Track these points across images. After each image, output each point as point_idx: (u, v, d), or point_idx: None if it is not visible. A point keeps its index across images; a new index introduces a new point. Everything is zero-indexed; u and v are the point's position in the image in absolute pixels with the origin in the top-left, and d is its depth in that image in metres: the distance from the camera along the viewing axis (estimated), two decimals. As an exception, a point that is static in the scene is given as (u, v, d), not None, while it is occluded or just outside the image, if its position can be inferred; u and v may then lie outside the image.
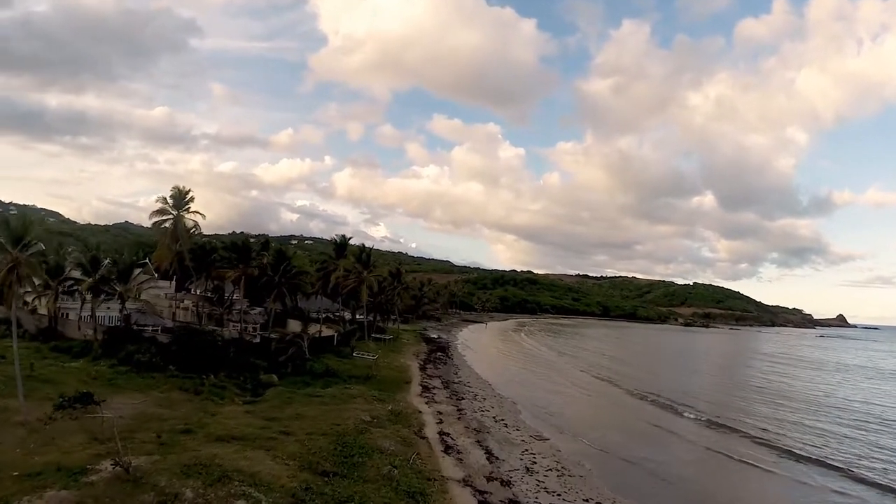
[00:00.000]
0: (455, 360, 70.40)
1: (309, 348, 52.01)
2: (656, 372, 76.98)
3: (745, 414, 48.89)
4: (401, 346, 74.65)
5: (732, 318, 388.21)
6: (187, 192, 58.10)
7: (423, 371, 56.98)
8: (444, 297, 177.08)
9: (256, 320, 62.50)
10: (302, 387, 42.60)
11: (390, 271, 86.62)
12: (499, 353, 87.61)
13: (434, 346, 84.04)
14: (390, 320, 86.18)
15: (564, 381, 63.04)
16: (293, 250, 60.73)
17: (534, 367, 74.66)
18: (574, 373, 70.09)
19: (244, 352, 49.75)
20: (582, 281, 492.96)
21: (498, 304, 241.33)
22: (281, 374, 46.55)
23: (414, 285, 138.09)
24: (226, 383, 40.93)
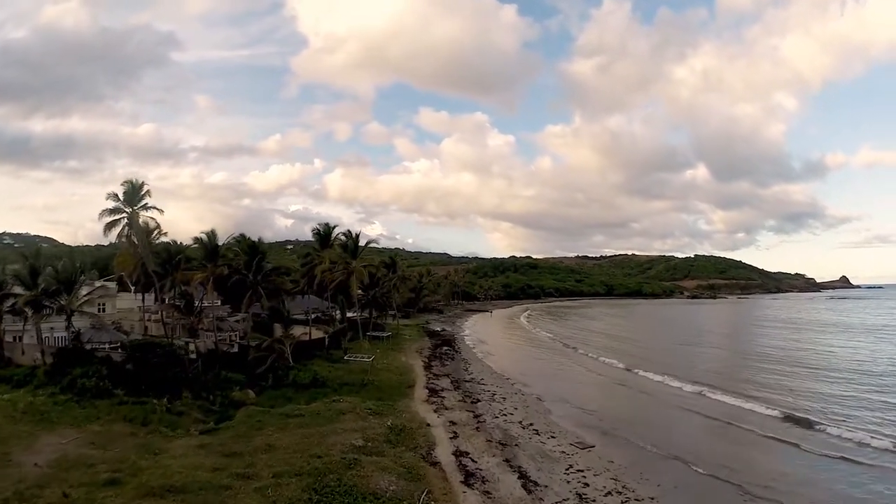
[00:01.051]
0: (463, 354, 62.82)
1: (294, 354, 44.40)
2: (684, 353, 69.46)
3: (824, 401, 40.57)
4: (401, 342, 67.00)
5: (737, 288, 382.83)
6: (141, 185, 50.10)
7: (428, 370, 49.39)
8: (446, 288, 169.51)
9: (235, 328, 54.72)
10: (282, 403, 35.02)
11: (385, 262, 78.81)
12: (510, 343, 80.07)
13: (439, 339, 76.43)
14: (388, 316, 78.50)
15: (588, 370, 55.54)
16: (265, 246, 52.13)
17: (550, 355, 67.21)
18: (594, 360, 62.53)
19: (216, 365, 42.12)
20: (582, 262, 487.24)
21: (501, 291, 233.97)
22: (260, 388, 39.02)
23: (413, 277, 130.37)
24: (186, 407, 33.26)
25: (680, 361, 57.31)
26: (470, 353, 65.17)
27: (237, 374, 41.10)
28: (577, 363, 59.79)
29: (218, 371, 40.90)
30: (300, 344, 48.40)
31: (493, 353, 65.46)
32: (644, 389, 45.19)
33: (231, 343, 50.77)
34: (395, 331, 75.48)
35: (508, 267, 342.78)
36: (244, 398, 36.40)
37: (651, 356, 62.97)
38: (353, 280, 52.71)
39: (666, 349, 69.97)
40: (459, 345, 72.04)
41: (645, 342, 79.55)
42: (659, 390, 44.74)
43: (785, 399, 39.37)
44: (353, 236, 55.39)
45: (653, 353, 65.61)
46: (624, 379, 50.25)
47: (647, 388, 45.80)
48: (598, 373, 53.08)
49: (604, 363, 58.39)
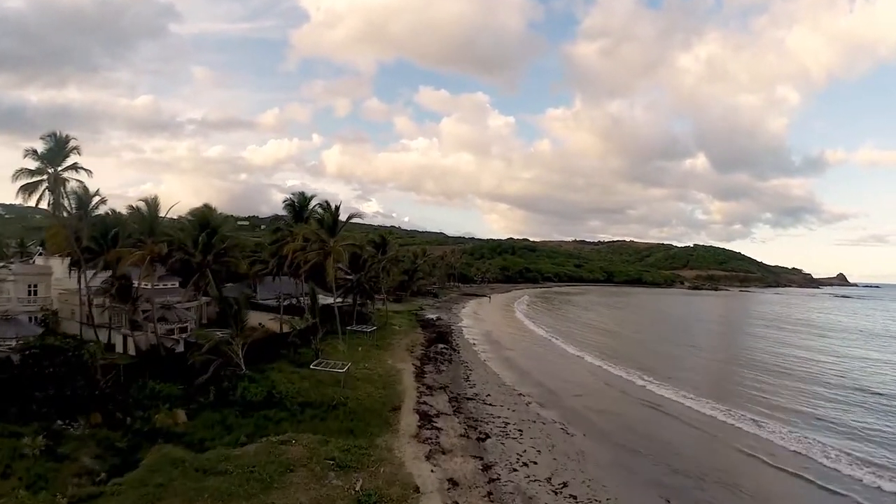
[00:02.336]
0: (463, 354, 52.99)
1: (253, 353, 34.53)
2: (741, 365, 59.94)
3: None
4: (389, 336, 57.21)
5: (737, 280, 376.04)
6: (66, 139, 39.61)
7: (419, 379, 39.58)
8: (441, 270, 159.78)
9: (185, 317, 44.62)
10: (219, 432, 25.38)
11: (373, 241, 68.52)
12: (516, 337, 70.06)
13: (433, 331, 66.72)
14: (377, 302, 68.85)
15: (607, 385, 46.10)
16: (220, 219, 41.55)
17: (570, 352, 57.86)
18: (609, 372, 53.07)
19: (146, 372, 32.20)
20: (579, 247, 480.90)
21: (498, 274, 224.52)
22: (198, 405, 29.22)
23: (407, 258, 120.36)
24: (78, 444, 23.39)
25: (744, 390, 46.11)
26: (470, 351, 55.40)
27: (173, 384, 31.28)
28: (592, 374, 50.35)
29: (145, 382, 31.06)
30: (261, 341, 38.46)
31: (497, 352, 55.77)
32: (682, 418, 35.73)
33: (177, 339, 40.74)
34: (384, 320, 65.63)
35: (506, 249, 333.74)
36: (170, 423, 26.59)
37: (679, 373, 53.71)
38: (330, 262, 42.50)
39: (703, 368, 60.35)
40: (457, 340, 62.30)
41: (662, 352, 70.45)
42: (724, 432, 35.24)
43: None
44: (332, 209, 44.92)
45: (682, 371, 56.32)
46: (651, 402, 40.78)
47: (686, 416, 36.32)
48: (621, 389, 43.45)
49: (618, 377, 48.98)
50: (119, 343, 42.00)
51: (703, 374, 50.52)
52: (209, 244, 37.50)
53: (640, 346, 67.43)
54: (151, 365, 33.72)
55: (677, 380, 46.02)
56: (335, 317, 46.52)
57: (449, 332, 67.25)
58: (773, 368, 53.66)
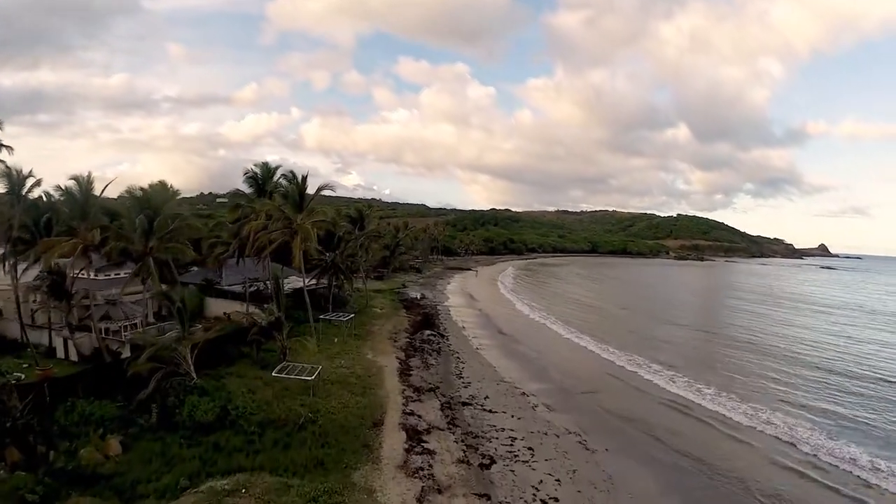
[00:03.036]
0: (453, 341, 47.64)
1: (206, 358, 28.59)
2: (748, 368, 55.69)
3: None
4: (369, 321, 51.62)
5: (721, 250, 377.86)
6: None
7: (404, 378, 34.15)
8: (425, 243, 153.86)
9: (134, 314, 38.21)
10: (158, 470, 19.76)
11: (349, 216, 62.05)
12: (508, 317, 64.62)
13: (418, 313, 61.27)
14: (356, 281, 63.13)
15: (625, 373, 41.35)
16: (160, 197, 34.60)
17: (570, 339, 53.01)
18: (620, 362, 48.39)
19: (76, 389, 26.13)
20: (562, 217, 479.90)
21: (482, 245, 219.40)
22: (139, 429, 23.45)
23: (388, 232, 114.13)
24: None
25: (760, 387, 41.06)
26: (460, 336, 50.13)
27: (111, 401, 25.42)
28: (598, 364, 45.61)
29: (75, 401, 25.03)
30: (219, 339, 32.42)
31: (489, 338, 50.55)
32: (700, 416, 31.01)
33: (124, 341, 34.49)
34: (363, 303, 59.94)
35: (488, 220, 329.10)
36: (99, 459, 20.84)
37: (695, 363, 49.33)
38: (297, 242, 36.24)
39: (713, 356, 56.03)
40: (445, 323, 56.94)
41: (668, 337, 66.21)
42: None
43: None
44: (298, 181, 38.35)
45: (698, 359, 51.98)
46: (674, 402, 36.02)
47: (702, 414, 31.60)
48: (634, 385, 38.60)
49: (627, 370, 44.35)
50: (60, 347, 35.69)
51: (715, 364, 45.75)
52: (150, 228, 31.00)
53: (640, 327, 62.83)
54: (85, 378, 27.62)
55: (689, 370, 41.41)
56: (306, 305, 40.55)
57: (435, 314, 61.86)
58: (789, 356, 49.46)
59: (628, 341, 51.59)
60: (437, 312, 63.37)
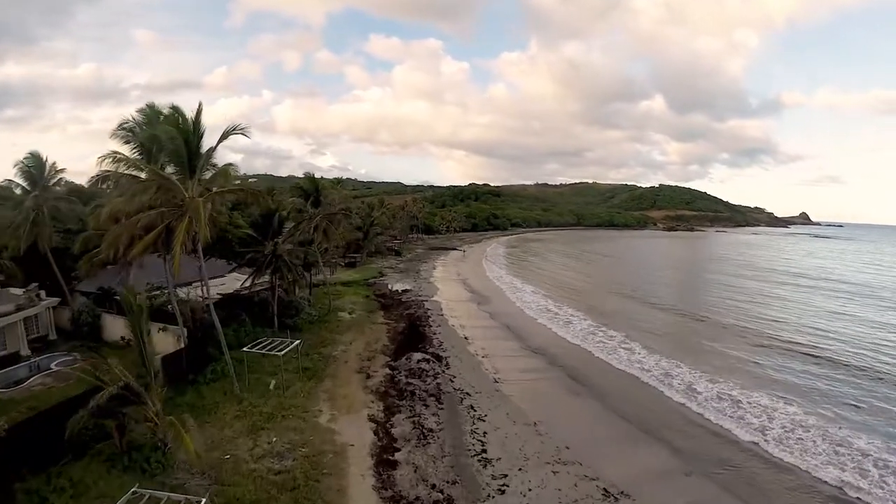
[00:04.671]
0: (457, 369, 31.25)
1: (38, 446, 11.92)
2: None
3: None
4: (332, 339, 35.24)
5: (706, 220, 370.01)
6: None
7: (383, 472, 18.11)
8: (403, 222, 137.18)
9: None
10: None
11: (300, 188, 44.50)
12: (520, 319, 48.86)
13: (400, 317, 45.15)
14: (319, 273, 46.54)
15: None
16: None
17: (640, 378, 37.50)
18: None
19: None
20: (542, 190, 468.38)
21: (465, 222, 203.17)
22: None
23: (361, 211, 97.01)
24: None
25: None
26: (467, 357, 33.83)
27: None
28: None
29: None
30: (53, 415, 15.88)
31: (514, 356, 34.74)
32: None
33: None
34: (326, 307, 43.54)
35: (468, 195, 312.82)
36: None
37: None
38: (181, 227, 19.54)
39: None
40: (439, 331, 40.76)
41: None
42: None
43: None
44: (189, 125, 21.26)
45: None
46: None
47: None
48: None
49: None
50: None
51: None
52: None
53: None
54: None
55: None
56: (217, 332, 23.87)
57: (424, 316, 45.66)
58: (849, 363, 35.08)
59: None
60: (427, 313, 47.17)
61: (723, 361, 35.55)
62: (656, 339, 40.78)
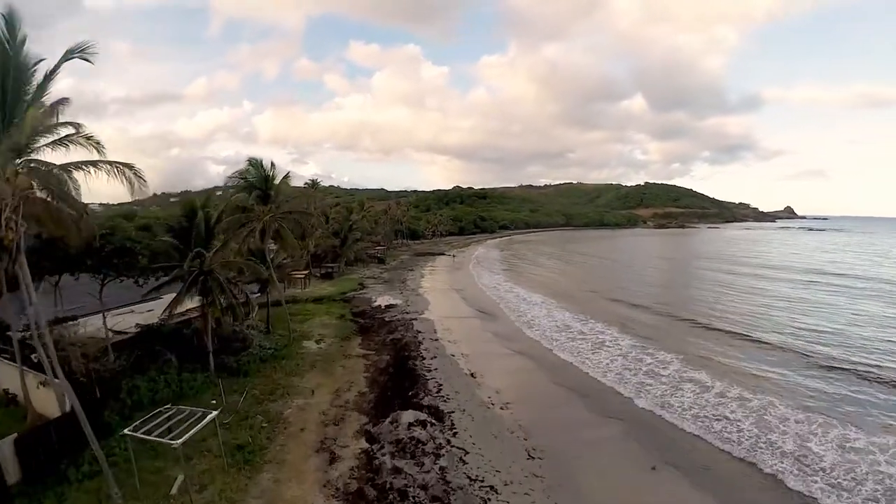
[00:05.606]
0: (466, 436, 20.95)
1: None
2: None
3: None
4: (282, 389, 24.86)
5: (695, 217, 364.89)
6: None
7: None
8: (387, 226, 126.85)
9: None
10: None
11: (247, 180, 33.05)
12: (561, 343, 38.74)
13: (384, 344, 34.97)
14: (277, 291, 36.09)
15: None
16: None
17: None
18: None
19: None
20: (526, 192, 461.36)
21: (451, 226, 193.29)
22: None
23: (338, 216, 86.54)
24: None
25: None
26: (486, 420, 23.53)
27: None
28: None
29: None
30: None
31: (554, 412, 24.57)
32: None
33: None
34: (286, 337, 33.10)
35: (453, 198, 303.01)
36: None
37: None
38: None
39: None
40: (436, 365, 30.48)
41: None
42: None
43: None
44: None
45: None
46: None
47: None
48: None
49: None
50: None
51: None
52: None
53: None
54: None
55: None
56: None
57: (415, 343, 35.32)
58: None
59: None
60: (417, 337, 36.86)
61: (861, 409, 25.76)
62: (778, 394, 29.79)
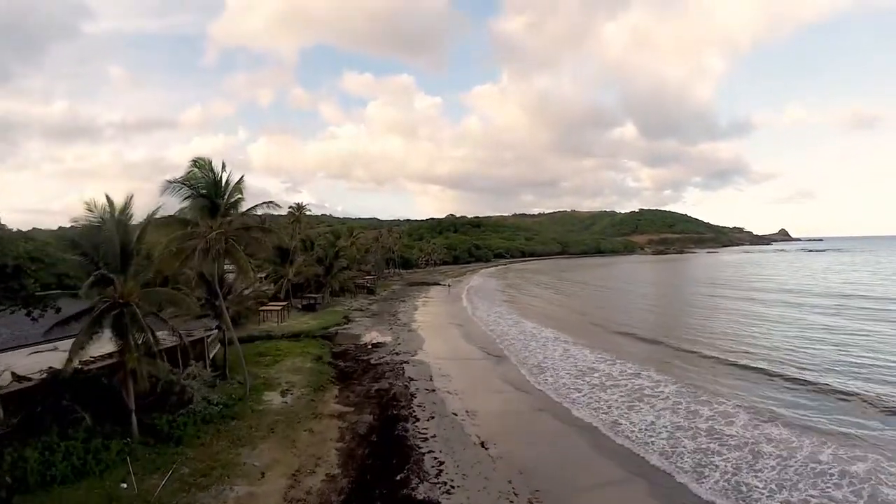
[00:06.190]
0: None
1: None
2: None
3: None
4: (222, 468, 17.36)
5: (691, 242, 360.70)
6: None
7: None
8: (378, 255, 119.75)
9: None
10: None
11: (189, 186, 25.55)
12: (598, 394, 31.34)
13: (363, 397, 27.69)
14: (230, 331, 28.63)
15: None
16: None
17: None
18: None
19: None
20: (520, 220, 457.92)
21: (445, 254, 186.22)
22: None
23: (324, 242, 79.33)
24: None
25: None
26: None
27: None
28: None
29: None
30: None
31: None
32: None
33: None
34: (240, 390, 25.60)
35: (447, 227, 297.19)
36: None
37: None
38: None
39: None
40: (434, 430, 23.10)
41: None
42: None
43: None
44: None
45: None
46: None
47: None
48: None
49: None
50: None
51: None
52: None
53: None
54: None
55: None
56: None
57: (407, 397, 27.81)
58: None
59: None
60: (408, 388, 29.39)
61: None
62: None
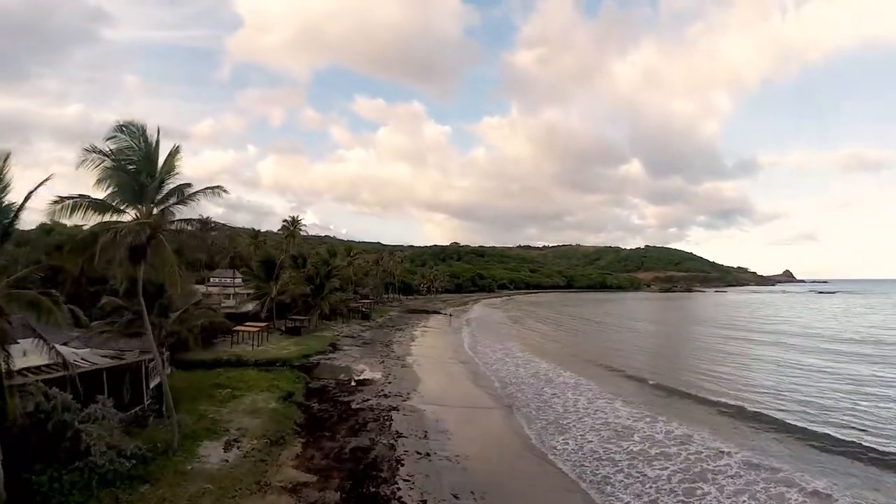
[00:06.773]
0: None
1: None
2: None
3: None
4: None
5: (696, 280, 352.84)
6: None
7: None
8: (377, 279, 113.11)
9: None
10: None
11: (117, 162, 19.15)
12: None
13: (334, 458, 20.72)
14: (153, 379, 21.76)
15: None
16: None
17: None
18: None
19: None
20: (524, 252, 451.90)
21: (448, 282, 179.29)
22: None
23: (317, 259, 72.55)
24: None
25: None
26: None
27: None
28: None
29: None
30: None
31: None
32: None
33: None
34: (166, 452, 18.41)
35: (451, 254, 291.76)
36: None
37: None
38: None
39: None
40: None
41: None
42: None
43: None
44: None
45: None
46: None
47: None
48: None
49: None
50: None
51: None
52: None
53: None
54: None
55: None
56: None
57: (391, 465, 20.60)
58: None
59: None
60: (396, 453, 22.08)
61: None
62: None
